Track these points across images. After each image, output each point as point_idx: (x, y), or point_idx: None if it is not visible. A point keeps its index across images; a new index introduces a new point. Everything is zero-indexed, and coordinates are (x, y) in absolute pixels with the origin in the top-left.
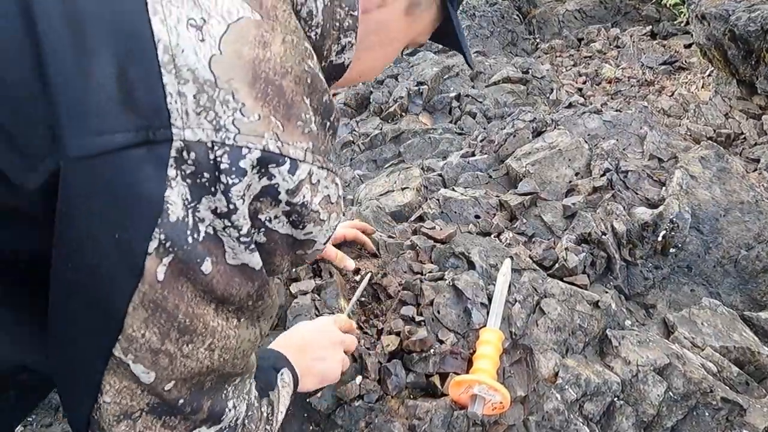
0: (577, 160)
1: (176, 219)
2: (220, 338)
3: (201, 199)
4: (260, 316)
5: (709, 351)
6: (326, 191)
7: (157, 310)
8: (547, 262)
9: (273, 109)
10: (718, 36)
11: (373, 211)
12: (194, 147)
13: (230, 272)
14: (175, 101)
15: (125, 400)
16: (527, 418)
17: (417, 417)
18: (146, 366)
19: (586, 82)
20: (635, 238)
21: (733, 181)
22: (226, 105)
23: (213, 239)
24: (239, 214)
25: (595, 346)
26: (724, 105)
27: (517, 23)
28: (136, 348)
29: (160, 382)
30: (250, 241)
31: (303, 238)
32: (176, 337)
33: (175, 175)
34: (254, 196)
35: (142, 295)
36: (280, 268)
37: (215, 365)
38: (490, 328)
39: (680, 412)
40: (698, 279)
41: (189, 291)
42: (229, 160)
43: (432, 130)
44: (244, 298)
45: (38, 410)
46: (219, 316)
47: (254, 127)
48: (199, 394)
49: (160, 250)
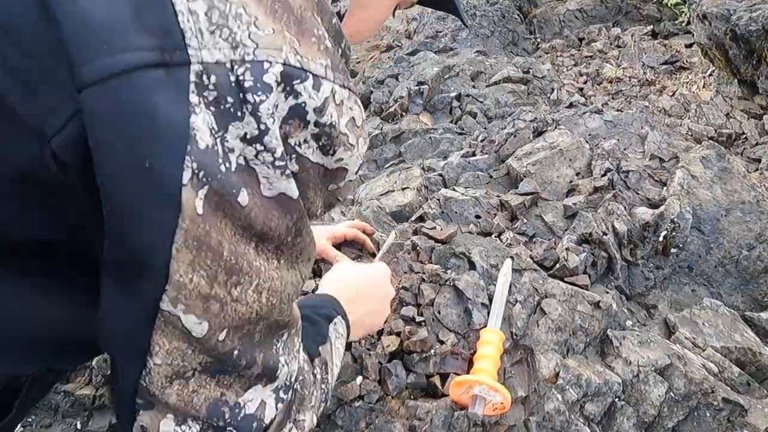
0: (578, 160)
1: (206, 146)
2: (266, 279)
3: (228, 127)
4: (299, 256)
5: (710, 351)
6: (351, 113)
7: (202, 249)
8: (548, 262)
9: (284, 24)
10: (719, 36)
11: (374, 212)
12: (213, 69)
13: (267, 205)
14: (187, 20)
15: (177, 361)
16: (528, 418)
17: (417, 417)
18: (198, 315)
19: (587, 82)
20: (636, 238)
21: (734, 181)
22: (240, 19)
23: (246, 169)
24: (271, 135)
25: (596, 346)
26: (726, 105)
27: (517, 23)
28: (186, 296)
29: (214, 333)
30: (285, 165)
31: (335, 166)
32: (224, 279)
33: (198, 102)
34: (282, 118)
35: (185, 232)
36: (314, 205)
37: (264, 311)
38: (490, 329)
39: (681, 413)
40: (699, 279)
41: (228, 227)
42: (253, 77)
43: (432, 130)
44: (283, 233)
45: (38, 411)
46: (260, 257)
47: (272, 41)
48: (251, 345)
49: (194, 181)
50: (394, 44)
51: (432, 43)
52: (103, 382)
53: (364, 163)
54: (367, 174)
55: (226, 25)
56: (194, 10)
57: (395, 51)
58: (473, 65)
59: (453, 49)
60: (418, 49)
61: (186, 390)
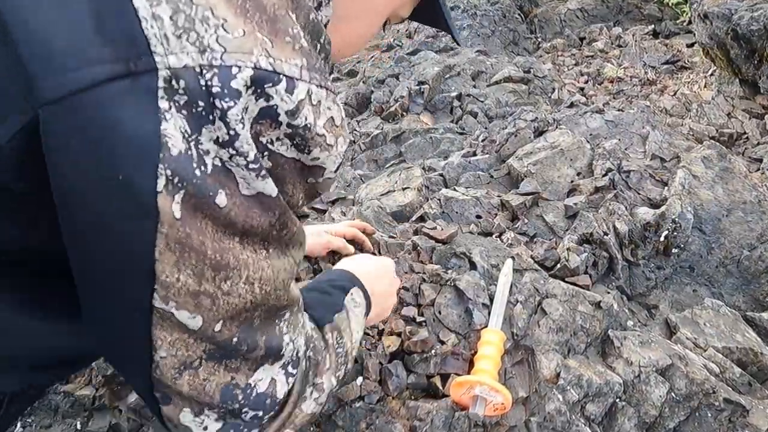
0: (579, 160)
1: (179, 152)
2: (255, 270)
3: (201, 130)
4: (288, 244)
5: (711, 352)
6: (329, 113)
7: (185, 250)
8: (549, 262)
9: (256, 24)
10: (721, 35)
11: (374, 211)
12: (182, 74)
13: (247, 203)
14: (151, 26)
15: (181, 351)
16: (529, 419)
17: (418, 418)
18: (190, 311)
19: (588, 82)
20: (637, 238)
21: (735, 181)
22: (207, 23)
23: (222, 171)
24: (242, 140)
25: (597, 346)
26: (727, 104)
27: (518, 22)
28: (175, 293)
29: (209, 325)
30: (259, 167)
31: (311, 163)
32: (212, 275)
33: (169, 107)
34: (253, 119)
35: (165, 236)
36: (294, 198)
37: (259, 299)
38: (491, 329)
39: (682, 413)
40: (700, 279)
41: (209, 227)
42: (220, 83)
43: (433, 130)
44: (266, 228)
45: (37, 411)
46: (246, 249)
47: (240, 44)
48: (251, 330)
49: (170, 187)
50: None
51: (433, 43)
52: (103, 383)
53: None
54: (367, 174)
55: (193, 28)
56: (158, 14)
57: (396, 50)
58: (474, 65)
59: (453, 49)
60: (419, 48)
61: (197, 379)
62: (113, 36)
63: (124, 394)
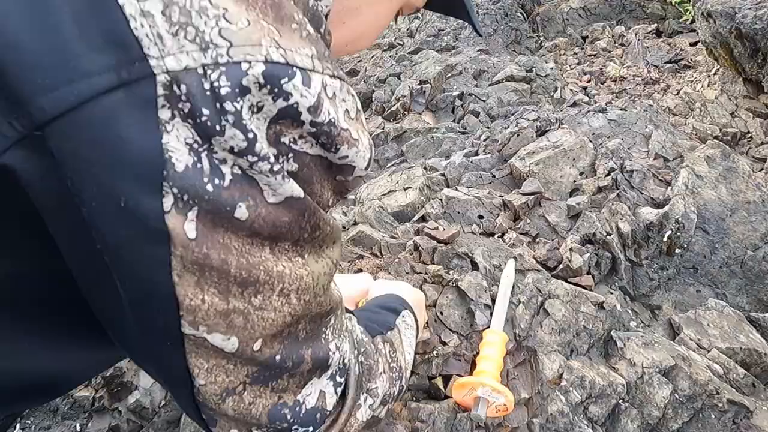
0: (582, 160)
1: (185, 167)
2: (292, 281)
3: (211, 141)
4: (322, 244)
5: (715, 352)
6: (345, 104)
7: (204, 270)
8: (551, 262)
9: (260, 11)
10: (724, 34)
11: (376, 212)
12: (183, 78)
13: (274, 212)
14: (141, 24)
15: (220, 378)
16: (531, 420)
17: (420, 419)
18: (222, 332)
19: (591, 81)
20: (640, 238)
21: (739, 180)
22: (205, 14)
23: (244, 180)
24: (261, 142)
25: (600, 347)
26: (730, 104)
27: (520, 21)
28: (203, 317)
29: (246, 345)
30: (282, 168)
31: (339, 162)
32: (239, 291)
33: (171, 116)
34: (271, 119)
35: (180, 258)
36: (323, 198)
37: (299, 311)
38: (493, 330)
39: (686, 414)
40: (704, 280)
41: (234, 241)
42: (229, 82)
43: (435, 129)
44: (296, 231)
45: (37, 412)
46: (281, 259)
47: (247, 35)
48: (296, 345)
49: (179, 205)
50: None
51: (434, 42)
52: (103, 384)
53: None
54: (368, 173)
55: (190, 22)
56: (148, 10)
57: (397, 49)
58: (476, 64)
59: (455, 48)
60: (420, 47)
61: (242, 404)
62: (99, 41)
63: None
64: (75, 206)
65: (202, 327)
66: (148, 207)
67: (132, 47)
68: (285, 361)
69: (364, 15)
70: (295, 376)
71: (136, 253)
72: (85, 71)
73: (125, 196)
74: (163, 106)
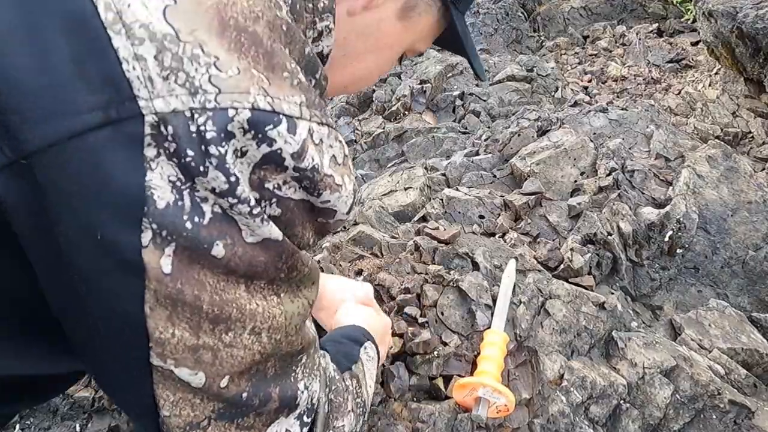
0: (583, 160)
1: (166, 204)
2: (264, 320)
3: (194, 180)
4: (299, 285)
5: (716, 353)
6: (331, 151)
7: (177, 305)
8: (552, 262)
9: (252, 60)
10: (726, 33)
11: (376, 212)
12: (170, 119)
13: (251, 251)
14: (133, 67)
15: (185, 411)
16: (532, 420)
17: (420, 420)
18: (190, 367)
19: (592, 80)
20: (641, 238)
21: (740, 180)
22: (197, 61)
23: (223, 219)
24: (243, 186)
25: (601, 348)
26: (732, 103)
27: (521, 20)
28: (172, 350)
29: (213, 381)
30: (262, 212)
31: (321, 206)
32: (209, 327)
33: (156, 155)
34: (255, 164)
35: (154, 292)
36: (304, 239)
37: (269, 349)
38: (494, 330)
39: (687, 415)
40: (705, 280)
41: (209, 278)
42: (215, 127)
43: (435, 129)
44: (272, 271)
45: (37, 413)
46: (255, 297)
47: (236, 83)
48: (264, 383)
49: (158, 241)
50: None
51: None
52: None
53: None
54: (369, 173)
55: (181, 68)
56: (141, 55)
57: None
58: None
59: None
60: None
61: None
62: (94, 81)
63: None
64: (54, 236)
65: (170, 360)
66: (125, 241)
67: (123, 88)
68: (251, 399)
69: (366, 60)
70: (262, 414)
71: (109, 285)
72: (77, 109)
73: (102, 228)
74: (149, 145)
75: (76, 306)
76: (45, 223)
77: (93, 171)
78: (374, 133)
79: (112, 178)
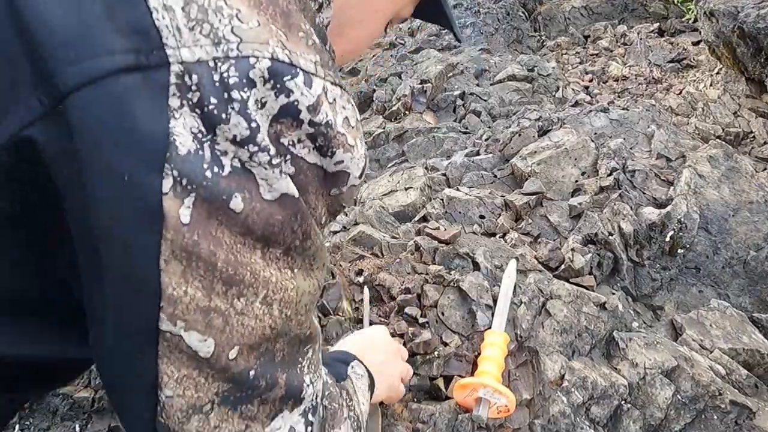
0: (584, 160)
1: (187, 151)
2: (276, 290)
3: (215, 130)
4: (312, 262)
5: (717, 353)
6: (344, 112)
7: (192, 259)
8: (553, 263)
9: (270, 16)
10: (727, 33)
11: (376, 211)
12: (195, 69)
13: (269, 208)
14: (162, 17)
15: (190, 392)
16: (533, 421)
17: (421, 420)
18: (200, 331)
19: (593, 80)
20: (642, 238)
21: (742, 180)
22: (221, 13)
23: (242, 173)
24: (263, 133)
25: (602, 348)
26: (733, 103)
27: (522, 20)
28: (183, 310)
29: (222, 350)
30: (281, 162)
31: (334, 169)
32: (222, 289)
33: (180, 105)
34: (273, 117)
35: (170, 243)
36: (316, 212)
37: (278, 325)
38: (495, 330)
39: (688, 416)
40: (706, 280)
41: (226, 236)
42: (237, 73)
43: (436, 129)
44: (289, 235)
45: (36, 413)
46: (270, 266)
47: (257, 34)
48: (272, 366)
49: (178, 189)
50: (397, 42)
51: (435, 41)
52: (103, 385)
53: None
54: (369, 173)
55: (206, 19)
56: (170, 5)
57: (398, 49)
58: (477, 63)
59: (456, 47)
60: (422, 46)
61: (207, 426)
62: (125, 26)
63: None
64: (82, 185)
65: (180, 322)
66: (148, 185)
67: (153, 36)
68: (258, 380)
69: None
70: (267, 402)
71: (127, 234)
72: (109, 49)
73: (129, 169)
74: (174, 95)
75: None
76: (77, 173)
77: (121, 114)
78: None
79: (140, 121)
